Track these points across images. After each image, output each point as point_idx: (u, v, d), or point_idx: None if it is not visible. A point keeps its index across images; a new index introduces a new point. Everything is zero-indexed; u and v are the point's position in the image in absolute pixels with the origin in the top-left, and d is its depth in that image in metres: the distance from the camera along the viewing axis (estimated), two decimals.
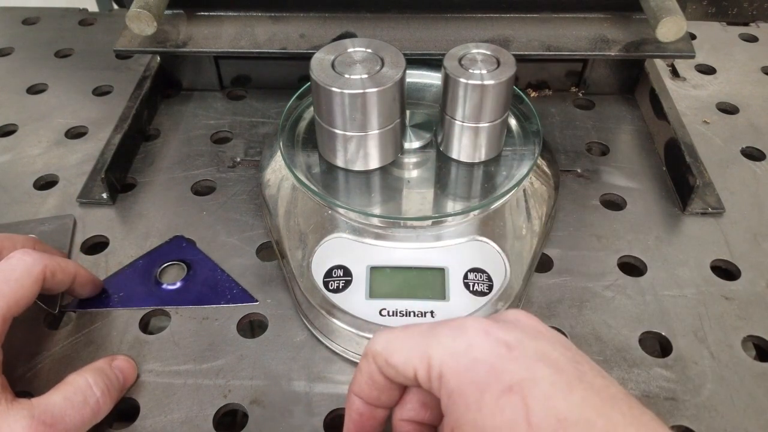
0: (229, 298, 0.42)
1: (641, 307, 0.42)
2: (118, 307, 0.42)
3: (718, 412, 0.36)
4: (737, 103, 0.58)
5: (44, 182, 0.51)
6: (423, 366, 0.27)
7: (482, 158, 0.45)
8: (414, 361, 0.27)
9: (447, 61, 0.42)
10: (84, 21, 0.70)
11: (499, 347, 0.26)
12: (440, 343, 0.27)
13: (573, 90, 0.59)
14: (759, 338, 0.40)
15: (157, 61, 0.59)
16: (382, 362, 0.28)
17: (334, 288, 0.40)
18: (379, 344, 0.29)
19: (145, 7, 0.48)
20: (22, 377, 0.38)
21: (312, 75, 0.41)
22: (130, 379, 0.37)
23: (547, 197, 0.46)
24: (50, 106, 0.58)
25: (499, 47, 0.44)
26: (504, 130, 0.45)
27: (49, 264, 0.36)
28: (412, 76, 0.49)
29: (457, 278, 0.40)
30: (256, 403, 0.37)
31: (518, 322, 0.28)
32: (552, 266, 0.44)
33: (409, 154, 0.47)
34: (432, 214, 0.43)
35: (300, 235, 0.42)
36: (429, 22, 0.54)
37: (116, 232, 0.47)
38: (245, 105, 0.59)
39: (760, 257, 0.45)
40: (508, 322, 0.28)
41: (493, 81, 0.41)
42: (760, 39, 0.66)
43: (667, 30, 0.48)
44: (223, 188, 0.50)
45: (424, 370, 0.27)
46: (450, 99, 0.43)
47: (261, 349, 0.40)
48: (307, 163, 0.46)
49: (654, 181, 0.50)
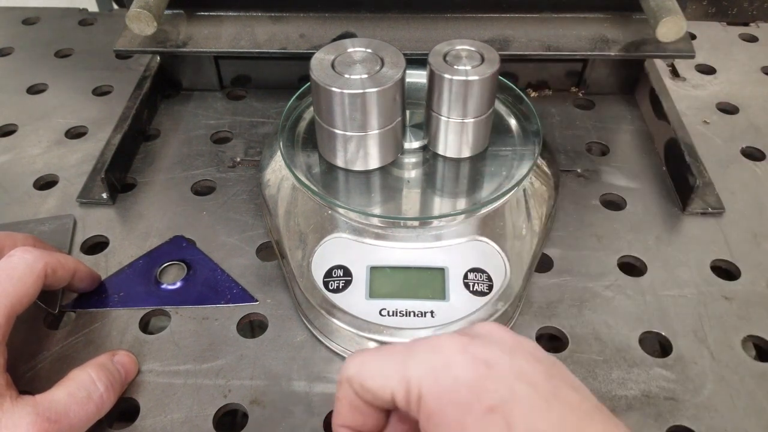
0: (229, 298, 0.42)
1: (641, 307, 0.42)
2: (118, 306, 0.42)
3: (718, 412, 0.36)
4: (737, 103, 0.58)
5: (44, 182, 0.51)
6: (401, 388, 0.26)
7: (468, 154, 0.46)
8: (391, 384, 0.26)
9: (432, 57, 0.43)
10: (84, 21, 0.70)
11: (479, 365, 0.25)
12: (418, 364, 0.26)
13: (573, 90, 0.59)
14: (759, 338, 0.40)
15: (157, 61, 0.59)
16: (357, 387, 0.27)
17: (334, 288, 0.40)
18: (352, 368, 0.28)
19: (145, 7, 0.48)
20: (23, 377, 0.38)
21: (312, 75, 0.41)
22: (131, 373, 0.37)
23: (547, 197, 0.46)
24: (50, 106, 0.58)
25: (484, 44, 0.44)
26: (489, 125, 0.45)
27: (50, 261, 0.36)
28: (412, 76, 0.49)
29: (457, 278, 0.40)
30: (256, 403, 0.37)
31: (491, 336, 0.28)
32: (552, 266, 0.44)
33: (409, 154, 0.47)
34: (432, 214, 0.43)
35: (300, 235, 0.42)
36: (429, 22, 0.54)
37: (116, 232, 0.47)
38: (245, 105, 0.59)
39: (760, 257, 0.45)
40: (483, 337, 0.27)
41: (477, 76, 0.41)
42: (760, 39, 0.66)
43: (667, 30, 0.48)
44: (223, 188, 0.50)
45: (402, 393, 0.26)
46: (435, 95, 0.43)
47: (261, 349, 0.40)
48: (307, 163, 0.46)
49: (654, 181, 0.50)
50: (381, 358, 0.27)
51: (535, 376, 0.25)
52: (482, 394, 0.25)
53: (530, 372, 0.25)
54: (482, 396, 0.24)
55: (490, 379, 0.25)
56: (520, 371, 0.25)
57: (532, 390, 0.25)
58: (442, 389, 0.25)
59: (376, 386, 0.27)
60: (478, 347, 0.26)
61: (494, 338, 0.27)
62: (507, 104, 0.50)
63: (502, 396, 0.24)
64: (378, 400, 0.27)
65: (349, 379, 0.28)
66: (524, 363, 0.26)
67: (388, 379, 0.26)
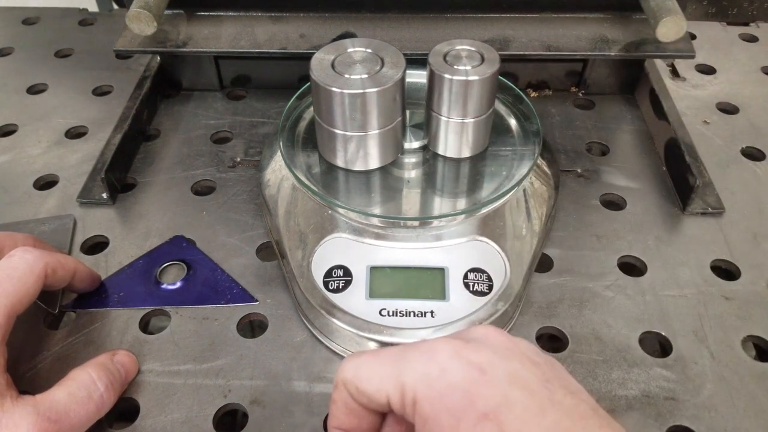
0: (229, 298, 0.42)
1: (641, 307, 0.42)
2: (118, 307, 0.42)
3: (718, 412, 0.36)
4: (737, 103, 0.58)
5: (44, 182, 0.51)
6: (396, 392, 0.26)
7: (468, 154, 0.46)
8: (387, 388, 0.26)
9: (432, 57, 0.43)
10: (84, 21, 0.70)
11: (472, 371, 0.25)
12: (413, 369, 0.26)
13: (573, 90, 0.59)
14: (759, 338, 0.40)
15: (157, 61, 0.59)
16: (353, 390, 0.27)
17: (334, 288, 0.40)
18: (348, 371, 0.28)
19: (145, 7, 0.48)
20: (23, 377, 0.38)
21: (312, 75, 0.41)
22: (131, 373, 0.37)
23: (547, 197, 0.46)
24: (50, 106, 0.58)
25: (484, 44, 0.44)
26: (489, 125, 0.45)
27: (50, 261, 0.36)
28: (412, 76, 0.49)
29: (457, 278, 0.40)
30: (256, 403, 0.37)
31: (487, 339, 0.28)
32: (552, 266, 0.44)
33: (409, 154, 0.47)
34: (432, 214, 0.43)
35: (300, 235, 0.42)
36: (429, 22, 0.54)
37: (116, 232, 0.47)
38: (245, 105, 0.59)
39: (760, 257, 0.45)
40: (478, 341, 0.27)
41: (477, 77, 0.41)
42: (760, 39, 0.66)
43: (667, 30, 0.48)
44: (223, 188, 0.50)
45: (397, 397, 0.26)
46: (435, 95, 0.43)
47: (261, 349, 0.40)
48: (307, 163, 0.46)
49: (654, 181, 0.50)
50: (376, 361, 0.27)
51: (529, 381, 0.25)
52: (475, 401, 0.25)
53: (525, 376, 0.26)
54: (475, 402, 0.25)
55: (484, 385, 0.25)
56: (515, 375, 0.25)
57: (526, 395, 0.25)
58: (436, 395, 0.25)
59: (371, 390, 0.27)
60: (472, 352, 0.26)
61: (490, 342, 0.27)
62: (507, 104, 0.50)
63: (495, 402, 0.24)
64: (373, 404, 0.27)
65: (345, 382, 0.28)
66: (519, 367, 0.26)
67: (383, 383, 0.27)
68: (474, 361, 0.26)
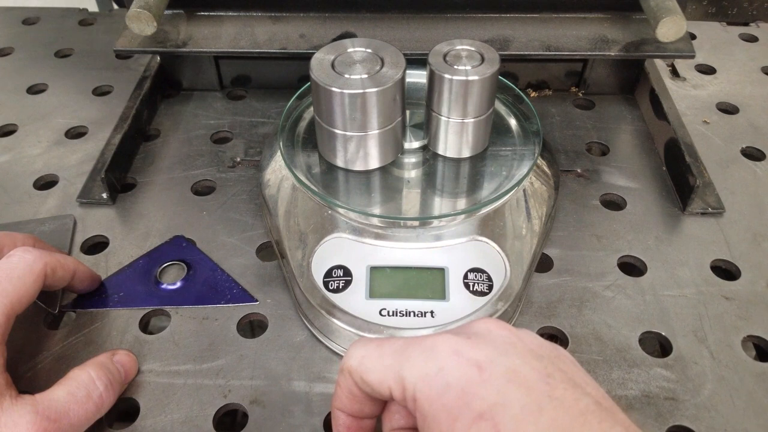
0: (229, 298, 0.42)
1: (641, 307, 0.42)
2: (118, 307, 0.42)
3: (718, 412, 0.36)
4: (737, 103, 0.58)
5: (44, 182, 0.51)
6: (398, 387, 0.27)
7: (468, 154, 0.46)
8: (389, 381, 0.27)
9: (432, 57, 0.43)
10: (84, 21, 0.70)
11: (470, 370, 0.26)
12: (413, 366, 0.27)
13: (573, 90, 0.59)
14: (759, 338, 0.40)
15: (157, 61, 0.59)
16: (358, 379, 0.28)
17: (334, 288, 0.40)
18: (354, 360, 0.28)
19: (145, 7, 0.48)
20: (23, 377, 0.38)
21: (312, 75, 0.41)
22: (131, 373, 0.37)
23: (547, 197, 0.46)
24: (50, 106, 0.58)
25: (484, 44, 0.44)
26: (489, 125, 0.45)
27: (50, 261, 0.36)
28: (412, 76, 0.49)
29: (457, 278, 0.40)
30: (256, 403, 0.37)
31: (489, 333, 0.28)
32: (552, 266, 0.44)
33: (409, 154, 0.47)
34: (432, 214, 0.43)
35: (300, 235, 0.42)
36: (429, 22, 0.54)
37: (116, 232, 0.47)
38: (245, 105, 0.59)
39: (760, 257, 0.45)
40: (479, 335, 0.27)
41: (477, 77, 0.41)
42: (760, 39, 0.66)
43: (667, 30, 0.48)
44: (223, 188, 0.50)
45: (399, 391, 0.27)
46: (436, 95, 0.43)
47: (261, 349, 0.40)
48: (307, 163, 0.46)
49: (654, 181, 0.50)
50: (380, 354, 0.28)
51: (529, 377, 0.25)
52: (472, 400, 0.25)
53: (524, 372, 0.25)
54: (472, 402, 0.25)
55: (481, 384, 0.25)
56: (514, 372, 0.25)
57: (524, 393, 0.25)
58: (434, 394, 0.25)
59: (375, 382, 0.28)
60: (471, 349, 0.26)
61: (492, 336, 0.27)
62: (507, 104, 0.50)
63: (492, 402, 0.24)
64: (376, 393, 0.28)
65: (350, 370, 0.29)
66: (520, 363, 0.26)
67: (386, 376, 0.27)
68: (473, 358, 0.26)
